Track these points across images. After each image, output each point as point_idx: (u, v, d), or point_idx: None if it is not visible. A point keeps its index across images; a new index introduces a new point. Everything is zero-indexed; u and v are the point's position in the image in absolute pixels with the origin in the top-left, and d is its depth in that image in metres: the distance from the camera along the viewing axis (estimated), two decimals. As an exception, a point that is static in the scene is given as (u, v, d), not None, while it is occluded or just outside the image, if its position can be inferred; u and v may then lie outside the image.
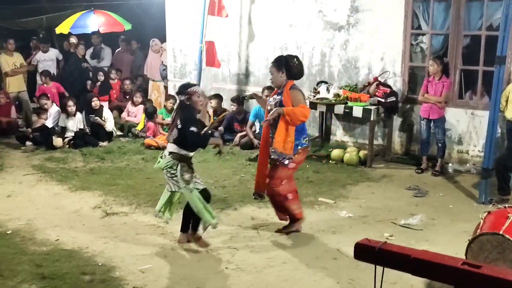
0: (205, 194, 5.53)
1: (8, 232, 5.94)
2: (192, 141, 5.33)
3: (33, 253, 5.38)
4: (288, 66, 5.64)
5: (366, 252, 2.21)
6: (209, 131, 6.35)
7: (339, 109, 8.61)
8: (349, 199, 7.10)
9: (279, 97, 5.67)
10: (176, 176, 5.35)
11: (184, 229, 5.67)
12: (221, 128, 10.01)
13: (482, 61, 8.13)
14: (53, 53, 12.51)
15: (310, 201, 6.94)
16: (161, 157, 5.48)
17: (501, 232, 4.22)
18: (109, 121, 10.29)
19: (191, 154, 5.45)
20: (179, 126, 5.31)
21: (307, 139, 5.80)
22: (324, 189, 7.43)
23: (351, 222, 6.29)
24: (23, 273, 4.91)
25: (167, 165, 5.37)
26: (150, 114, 10.24)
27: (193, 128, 5.28)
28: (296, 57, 5.77)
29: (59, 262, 5.16)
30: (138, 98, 11.24)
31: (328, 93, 8.85)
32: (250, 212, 6.56)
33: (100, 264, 5.16)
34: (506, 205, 4.83)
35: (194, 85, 5.62)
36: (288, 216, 5.99)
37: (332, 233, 5.95)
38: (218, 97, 10.33)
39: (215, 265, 5.18)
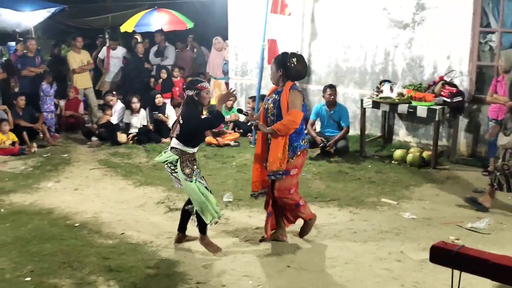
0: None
1: (76, 225, 6.13)
2: (211, 124, 5.44)
3: (100, 246, 5.53)
4: (286, 66, 5.30)
5: (442, 255, 2.15)
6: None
7: (402, 108, 8.43)
8: (413, 200, 6.96)
9: (278, 96, 5.37)
10: (176, 172, 5.29)
11: (180, 228, 5.63)
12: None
13: (555, 60, 7.79)
14: (121, 51, 12.78)
15: (372, 202, 6.85)
16: (164, 152, 5.43)
17: None
18: (171, 118, 10.45)
19: (193, 150, 5.36)
20: (181, 122, 5.28)
21: (305, 140, 5.49)
22: (387, 190, 7.31)
23: (415, 224, 6.16)
24: (91, 265, 5.05)
25: (167, 160, 5.32)
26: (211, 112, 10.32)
27: (203, 117, 5.39)
28: (298, 56, 5.39)
29: (125, 255, 5.28)
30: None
31: (392, 92, 8.70)
32: (312, 211, 6.50)
33: (164, 258, 5.25)
34: None
35: (203, 80, 5.56)
36: (288, 222, 5.79)
37: (395, 234, 5.84)
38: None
39: (277, 263, 5.17)
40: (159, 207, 6.73)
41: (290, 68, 5.30)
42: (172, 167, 5.32)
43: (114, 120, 10.46)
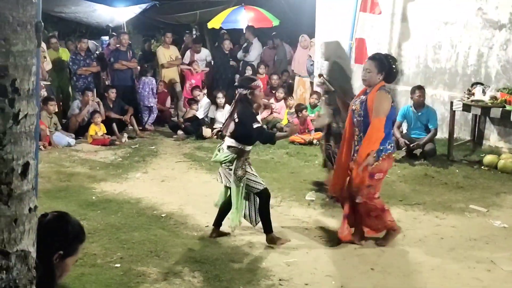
0: (265, 194, 5.45)
1: (163, 215, 6.30)
2: (257, 138, 5.38)
3: (186, 237, 5.66)
4: (390, 71, 5.21)
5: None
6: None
7: (495, 112, 8.10)
8: (504, 208, 6.67)
9: (365, 97, 5.22)
10: (231, 170, 5.33)
11: (216, 223, 5.69)
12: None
13: None
14: (204, 54, 12.93)
15: (460, 208, 6.62)
16: (219, 150, 5.46)
17: None
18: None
19: (249, 148, 5.40)
20: (236, 120, 5.28)
21: (392, 144, 5.28)
22: (476, 196, 7.04)
23: (506, 233, 5.90)
24: (177, 255, 5.17)
25: (226, 159, 5.34)
26: (300, 110, 10.26)
27: (256, 125, 5.29)
28: (396, 60, 5.45)
29: (209, 248, 5.38)
30: (280, 93, 11.43)
31: (484, 95, 8.36)
32: (395, 215, 6.32)
33: (247, 253, 5.30)
34: None
35: (256, 79, 5.56)
36: (374, 230, 5.62)
37: (485, 243, 5.62)
38: None
39: (360, 265, 5.11)
40: (242, 203, 6.80)
41: (393, 73, 5.26)
42: (230, 166, 5.35)
43: (200, 114, 10.68)
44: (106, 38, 16.93)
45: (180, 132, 10.44)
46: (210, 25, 14.70)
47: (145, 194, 7.06)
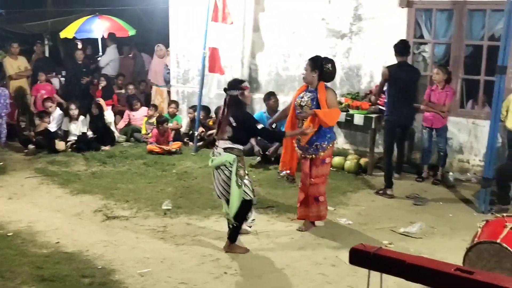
0: (248, 205, 5.54)
1: (9, 234, 5.99)
2: (267, 137, 5.61)
3: (34, 255, 5.42)
4: (322, 69, 5.98)
5: (361, 257, 2.23)
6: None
7: (340, 117, 8.60)
8: (349, 206, 7.12)
9: (312, 94, 6.00)
10: (230, 171, 5.36)
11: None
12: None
13: (483, 71, 8.15)
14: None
15: (310, 208, 6.96)
16: (214, 155, 5.49)
17: (498, 241, 4.24)
18: (112, 124, 10.44)
19: (243, 147, 5.60)
20: (234, 124, 5.38)
21: (333, 132, 6.26)
22: (325, 196, 7.44)
23: (350, 229, 6.31)
24: (24, 275, 4.95)
25: (227, 160, 5.37)
26: (161, 122, 10.20)
27: (260, 126, 5.54)
28: (332, 62, 6.11)
29: (60, 264, 5.21)
30: (136, 103, 11.36)
31: (330, 100, 8.87)
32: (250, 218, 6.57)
33: (100, 267, 5.20)
34: (504, 214, 4.84)
35: (244, 80, 5.82)
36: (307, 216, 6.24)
37: (331, 239, 5.97)
38: (205, 109, 10.42)
39: (214, 269, 5.20)
40: (96, 216, 6.64)
41: (326, 72, 6.01)
42: (230, 168, 5.37)
43: (52, 127, 10.25)
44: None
45: (31, 146, 9.94)
46: (62, 34, 14.19)
47: (-10, 213, 6.66)
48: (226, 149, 5.41)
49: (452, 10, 8.33)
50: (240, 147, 5.48)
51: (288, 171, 6.52)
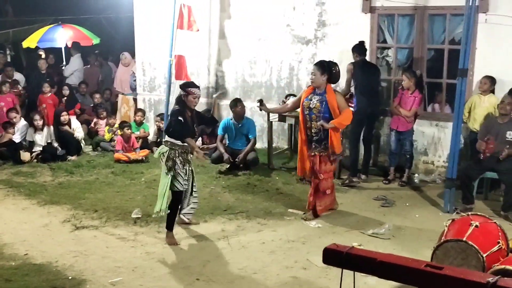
0: (178, 195, 6.00)
1: (-25, 248, 5.87)
2: (174, 128, 5.80)
3: (2, 268, 5.34)
4: (331, 72, 6.50)
5: (334, 256, 2.28)
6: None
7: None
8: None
9: (322, 96, 6.52)
10: (163, 161, 5.89)
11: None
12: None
13: (445, 74, 8.35)
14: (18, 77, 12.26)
15: (280, 212, 7.02)
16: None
17: (464, 239, 4.36)
18: (77, 132, 10.33)
19: (179, 142, 5.84)
20: (169, 118, 5.82)
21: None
22: (294, 201, 7.51)
23: (320, 232, 6.38)
24: (-9, 288, 4.87)
25: (160, 152, 5.92)
26: (124, 127, 10.14)
27: (180, 117, 5.77)
28: (337, 64, 6.63)
29: (29, 276, 5.14)
30: (102, 111, 11.29)
31: (297, 106, 8.97)
32: (220, 224, 6.60)
33: (70, 277, 5.15)
34: (469, 213, 4.97)
35: (197, 86, 6.05)
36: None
37: (301, 243, 6.03)
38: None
39: (186, 277, 5.20)
40: (64, 226, 6.56)
41: (334, 74, 6.53)
42: (161, 159, 5.90)
43: (16, 138, 10.08)
44: None
45: (-5, 158, 9.77)
46: (25, 44, 13.96)
47: (-48, 229, 6.51)
48: (164, 142, 5.97)
49: (413, 15, 8.51)
50: (175, 141, 5.85)
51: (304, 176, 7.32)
